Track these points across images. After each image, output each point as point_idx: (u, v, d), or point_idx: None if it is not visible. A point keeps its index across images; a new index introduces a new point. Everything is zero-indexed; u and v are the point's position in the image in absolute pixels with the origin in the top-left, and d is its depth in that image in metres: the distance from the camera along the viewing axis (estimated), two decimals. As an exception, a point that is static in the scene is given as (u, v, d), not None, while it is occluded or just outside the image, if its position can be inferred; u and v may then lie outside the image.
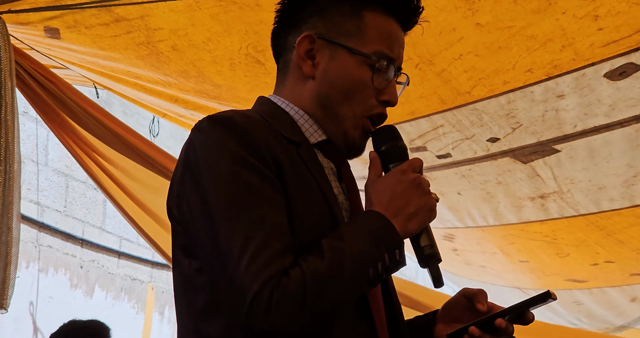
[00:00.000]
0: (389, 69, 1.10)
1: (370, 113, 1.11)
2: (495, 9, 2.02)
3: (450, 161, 2.84)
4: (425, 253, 1.02)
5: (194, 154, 0.99)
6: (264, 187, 0.96)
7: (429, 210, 1.02)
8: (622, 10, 2.05)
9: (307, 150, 1.07)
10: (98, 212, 5.02)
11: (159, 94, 2.53)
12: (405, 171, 1.03)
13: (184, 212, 1.00)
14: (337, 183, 1.10)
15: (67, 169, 4.85)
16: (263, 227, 0.93)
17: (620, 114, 2.55)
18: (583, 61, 2.28)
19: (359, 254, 0.94)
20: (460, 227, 3.54)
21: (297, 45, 1.10)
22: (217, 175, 0.96)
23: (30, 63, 2.36)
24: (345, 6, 1.11)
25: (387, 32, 1.11)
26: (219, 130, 0.99)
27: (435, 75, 2.28)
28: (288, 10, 1.14)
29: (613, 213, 3.26)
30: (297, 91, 1.12)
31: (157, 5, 2.06)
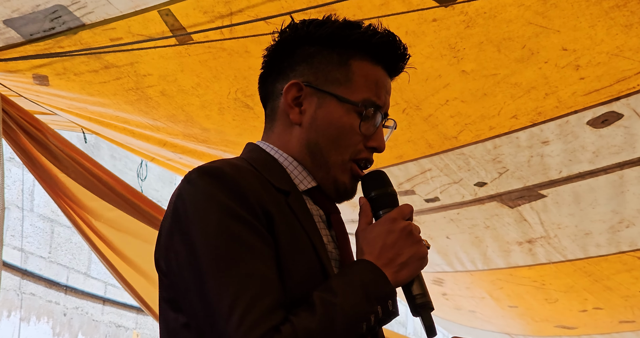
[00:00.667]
0: (376, 115, 1.11)
1: (357, 157, 1.11)
2: (480, 57, 2.07)
3: (439, 205, 2.85)
4: (417, 302, 1.02)
5: (183, 205, 0.98)
6: (254, 240, 0.95)
7: (420, 259, 1.01)
8: (602, 61, 2.11)
9: (296, 199, 1.06)
10: (83, 257, 4.95)
11: (148, 138, 2.54)
12: (396, 219, 1.03)
13: (172, 265, 0.98)
14: (327, 232, 1.10)
15: (52, 213, 4.81)
16: (253, 282, 0.91)
17: (604, 161, 2.58)
18: (566, 109, 2.33)
19: (351, 309, 0.93)
20: (450, 271, 3.53)
21: (285, 92, 1.11)
22: (206, 228, 0.95)
23: (17, 111, 2.36)
24: (333, 54, 1.11)
25: (375, 80, 1.12)
26: (208, 181, 0.98)
27: (422, 120, 2.31)
28: (275, 57, 1.14)
29: (600, 259, 3.26)
30: (285, 138, 1.13)
31: (147, 52, 2.10)
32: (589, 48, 2.06)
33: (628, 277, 3.39)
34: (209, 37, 1.99)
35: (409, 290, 1.02)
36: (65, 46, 2.13)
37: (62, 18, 2.00)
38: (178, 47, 2.05)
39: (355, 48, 1.11)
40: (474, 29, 1.96)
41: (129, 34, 2.02)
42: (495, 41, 2.01)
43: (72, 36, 2.08)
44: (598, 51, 2.07)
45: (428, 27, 1.96)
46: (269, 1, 1.86)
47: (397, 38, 1.13)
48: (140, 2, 1.90)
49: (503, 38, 2.00)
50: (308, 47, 1.12)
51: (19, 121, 2.31)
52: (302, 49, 1.12)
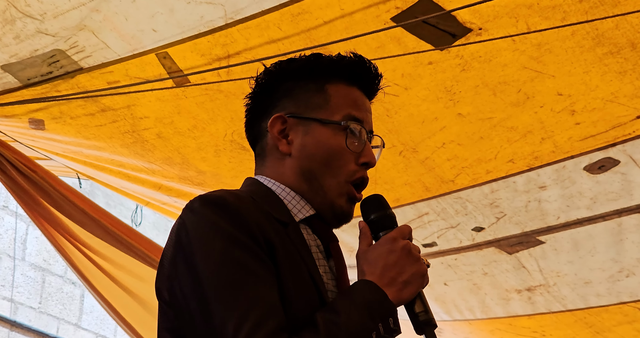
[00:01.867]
0: (360, 131, 1.15)
1: (352, 178, 1.14)
2: (476, 101, 2.09)
3: (436, 250, 2.81)
4: (420, 319, 1.03)
5: (186, 234, 1.00)
6: (257, 266, 0.97)
7: (421, 276, 1.04)
8: (597, 106, 2.13)
9: (294, 231, 1.08)
10: (74, 308, 4.84)
11: (143, 181, 2.52)
12: (396, 239, 1.05)
13: (176, 293, 1.00)
14: (324, 262, 1.11)
15: (44, 263, 4.73)
16: (257, 307, 0.93)
17: (602, 208, 2.57)
18: (563, 154, 2.33)
19: (353, 327, 0.95)
20: (448, 319, 3.45)
21: (270, 127, 1.15)
22: (210, 255, 0.97)
23: (13, 153, 2.36)
24: (309, 84, 1.17)
25: (352, 98, 1.17)
26: (211, 210, 1.00)
27: (419, 163, 2.31)
28: (256, 101, 1.20)
29: (600, 309, 3.20)
30: (279, 170, 1.15)
31: (144, 94, 2.11)
32: (584, 93, 2.08)
33: (630, 330, 3.32)
34: (206, 79, 2.01)
35: (412, 308, 1.04)
36: (62, 90, 2.14)
37: (60, 62, 2.02)
38: (175, 89, 2.06)
39: (328, 74, 1.17)
40: (470, 72, 1.98)
41: (127, 77, 2.04)
42: (490, 85, 2.03)
43: (69, 80, 2.09)
44: (593, 97, 2.09)
45: (424, 70, 1.98)
46: (267, 44, 1.88)
47: (365, 59, 1.19)
48: (138, 45, 1.92)
49: (498, 82, 2.02)
50: (285, 83, 1.18)
51: (15, 163, 2.31)
52: (280, 86, 1.18)
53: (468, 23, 1.83)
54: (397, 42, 1.90)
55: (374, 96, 1.22)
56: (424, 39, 1.87)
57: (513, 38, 1.86)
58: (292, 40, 1.89)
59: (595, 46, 1.88)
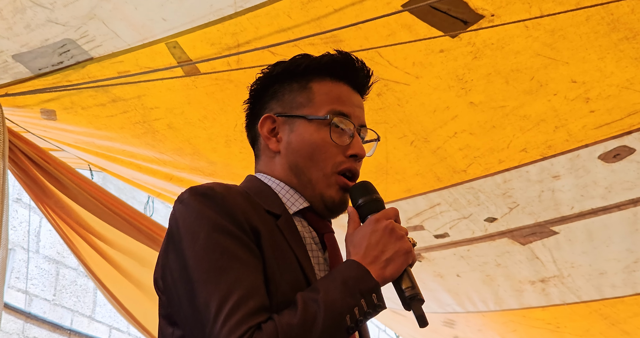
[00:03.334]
0: (347, 125, 1.18)
1: (340, 168, 1.16)
2: (488, 89, 2.06)
3: (448, 241, 2.79)
4: (406, 294, 1.05)
5: (176, 224, 1.05)
6: (241, 251, 1.01)
7: (405, 253, 1.05)
8: (612, 93, 2.09)
9: (286, 222, 1.12)
10: (88, 300, 4.88)
11: (154, 172, 2.52)
12: (379, 219, 1.08)
13: (167, 281, 1.05)
14: (319, 253, 1.15)
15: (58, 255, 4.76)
16: (239, 288, 0.97)
17: (617, 197, 2.53)
18: (576, 142, 2.30)
19: (332, 303, 0.97)
20: (461, 311, 3.43)
21: (260, 127, 1.21)
22: (196, 242, 1.01)
23: (25, 144, 2.37)
24: (293, 84, 1.21)
25: (336, 94, 1.20)
26: (199, 200, 1.05)
27: (431, 153, 2.28)
28: (251, 106, 1.26)
29: (616, 300, 3.16)
30: (271, 166, 1.21)
31: (154, 84, 2.10)
32: (599, 80, 2.04)
33: (646, 321, 3.28)
34: (216, 68, 1.99)
35: (399, 284, 1.06)
36: (73, 80, 2.14)
37: (71, 52, 2.02)
38: (185, 79, 2.05)
39: (311, 73, 1.21)
40: (482, 60, 1.95)
41: (137, 67, 2.03)
42: (503, 72, 2.00)
43: (80, 70, 2.09)
44: (608, 84, 2.05)
45: (435, 58, 1.95)
46: (276, 32, 1.87)
47: (350, 54, 1.21)
48: (148, 34, 1.91)
49: (511, 69, 1.99)
50: (272, 86, 1.23)
51: (28, 153, 2.32)
52: (268, 89, 1.23)
53: (480, 9, 1.80)
54: (408, 30, 1.88)
55: (366, 91, 1.25)
56: (435, 26, 1.85)
57: (526, 24, 1.83)
58: (302, 29, 1.87)
59: (610, 31, 1.84)
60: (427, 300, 3.64)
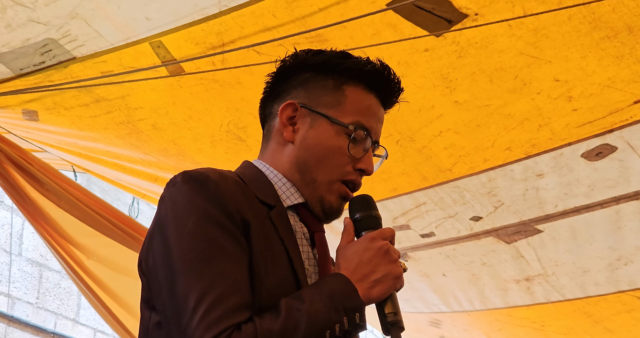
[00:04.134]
0: (366, 139, 1.15)
1: (345, 178, 1.14)
2: (472, 88, 2.07)
3: (434, 240, 2.80)
4: (388, 320, 1.03)
5: (165, 208, 1.02)
6: (228, 243, 0.98)
7: (394, 278, 1.03)
8: (594, 92, 2.11)
9: (279, 213, 1.09)
10: (72, 303, 4.83)
11: (139, 173, 2.50)
12: (375, 238, 1.06)
13: (150, 264, 1.02)
14: (309, 249, 1.13)
15: (41, 258, 4.71)
16: (222, 283, 0.94)
17: (599, 195, 2.56)
18: (560, 141, 2.32)
19: (316, 316, 0.95)
20: (447, 311, 3.44)
21: (281, 112, 1.16)
22: (183, 229, 0.98)
23: (6, 144, 2.34)
24: (328, 80, 1.17)
25: (366, 106, 1.17)
26: (191, 186, 1.01)
27: (416, 152, 2.29)
28: (275, 82, 1.21)
29: (599, 298, 3.19)
30: (277, 155, 1.17)
31: (138, 84, 2.09)
32: (581, 79, 2.07)
33: (628, 319, 3.31)
34: (201, 68, 1.99)
35: (382, 308, 1.04)
36: (55, 80, 2.12)
37: (53, 51, 2.00)
38: (170, 79, 2.04)
39: (349, 75, 1.17)
40: (466, 59, 1.96)
41: (120, 67, 2.02)
42: (487, 71, 2.01)
43: (62, 70, 2.07)
44: (590, 82, 2.08)
45: (420, 57, 1.96)
46: (261, 31, 1.86)
47: (390, 69, 1.19)
48: (132, 34, 1.90)
49: (495, 68, 2.01)
50: (305, 73, 1.18)
51: (8, 154, 2.29)
52: (299, 74, 1.18)
53: (464, 8, 1.81)
54: (393, 29, 1.88)
55: (390, 107, 1.23)
56: (420, 25, 1.86)
57: (509, 23, 1.85)
58: (287, 28, 1.87)
59: (592, 30, 1.86)
60: (414, 300, 3.66)
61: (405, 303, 3.54)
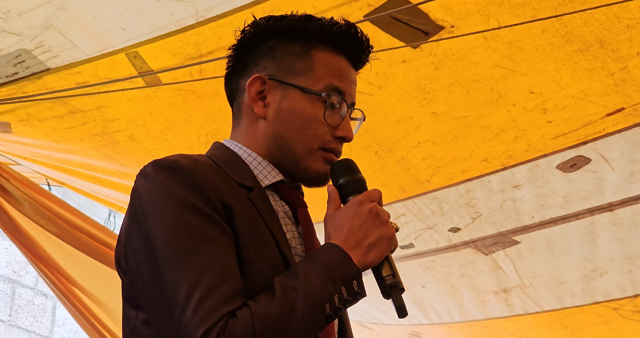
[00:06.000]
0: (341, 105, 1.11)
1: (325, 147, 1.11)
2: (449, 99, 2.09)
3: (414, 252, 2.80)
4: (387, 283, 1.00)
5: (139, 201, 0.97)
6: (212, 231, 0.94)
7: (388, 239, 1.01)
8: (568, 104, 2.14)
9: (258, 195, 1.05)
10: (46, 321, 4.73)
11: (115, 185, 2.47)
12: (363, 202, 1.02)
13: (130, 261, 0.97)
14: (293, 227, 1.09)
15: (14, 274, 4.62)
16: (210, 272, 0.90)
17: (574, 206, 2.59)
18: (535, 152, 2.35)
19: (313, 291, 0.92)
20: (426, 323, 3.44)
21: (248, 87, 1.12)
22: (163, 220, 0.93)
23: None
24: (294, 46, 1.12)
25: (337, 68, 1.13)
26: (165, 175, 0.96)
27: (395, 163, 2.30)
28: (239, 55, 1.15)
29: (575, 310, 3.22)
30: (251, 133, 1.12)
31: (115, 95, 2.07)
32: (555, 91, 2.10)
33: (604, 330, 3.33)
34: (178, 78, 1.98)
35: (379, 272, 1.01)
36: (29, 91, 2.09)
37: (26, 62, 1.97)
38: (146, 90, 2.03)
39: (315, 39, 1.12)
40: (443, 70, 1.98)
41: (96, 77, 2.00)
42: (464, 83, 2.04)
43: (36, 81, 2.04)
44: (564, 94, 2.11)
45: (398, 69, 1.97)
46: (239, 42, 1.86)
47: (357, 27, 1.15)
48: (107, 44, 1.89)
49: (471, 80, 2.03)
50: (269, 41, 1.13)
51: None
52: (264, 43, 1.13)
53: (440, 20, 1.83)
54: (371, 40, 1.90)
55: (361, 67, 1.18)
56: (397, 36, 1.87)
57: (485, 35, 1.87)
58: (264, 39, 1.87)
59: (565, 43, 1.90)
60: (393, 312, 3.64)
61: (384, 316, 3.52)
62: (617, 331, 3.23)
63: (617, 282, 2.88)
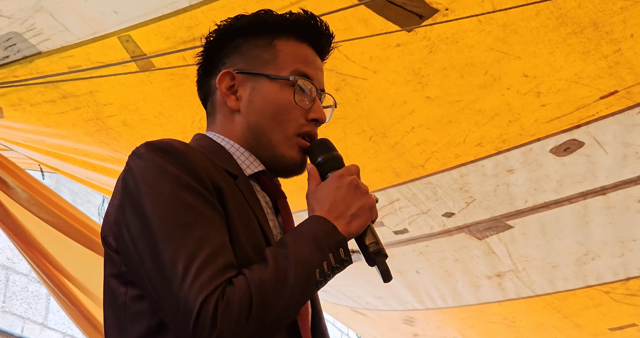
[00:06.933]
0: (310, 88, 1.15)
1: (300, 131, 1.14)
2: (444, 83, 2.08)
3: (408, 237, 2.81)
4: (370, 250, 1.05)
5: (134, 179, 0.99)
6: (207, 209, 0.97)
7: (369, 209, 1.05)
8: (562, 87, 2.14)
9: (244, 183, 1.09)
10: (40, 307, 4.73)
11: (109, 171, 2.46)
12: (343, 175, 1.07)
13: (123, 238, 0.99)
14: (274, 217, 1.13)
15: (8, 261, 4.61)
16: (207, 245, 0.94)
17: (567, 190, 2.59)
18: (529, 136, 2.34)
19: (302, 258, 0.97)
20: (420, 308, 3.45)
21: (218, 83, 1.15)
22: (159, 198, 0.96)
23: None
24: (258, 39, 1.17)
25: (302, 55, 1.17)
26: (159, 155, 1.00)
27: (389, 148, 2.29)
28: (207, 58, 1.20)
29: (568, 293, 3.24)
30: (228, 127, 1.16)
31: (107, 80, 2.05)
32: (549, 75, 2.09)
33: (596, 313, 3.36)
34: (171, 63, 1.96)
35: (362, 241, 1.06)
36: (20, 75, 2.07)
37: (17, 46, 1.95)
38: (139, 74, 2.01)
39: (277, 30, 1.17)
40: (437, 54, 1.97)
41: (88, 62, 1.98)
42: (458, 67, 2.03)
43: (27, 65, 2.02)
44: (558, 78, 2.10)
45: (392, 53, 1.96)
46: (232, 25, 1.84)
47: (316, 17, 1.19)
48: (99, 28, 1.87)
49: (466, 64, 2.02)
50: (234, 40, 1.17)
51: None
52: (229, 43, 1.18)
53: (435, 3, 1.82)
54: (365, 24, 1.89)
55: (326, 55, 1.22)
56: (391, 19, 1.86)
57: (479, 18, 1.86)
58: (258, 23, 1.85)
59: (559, 26, 1.89)
60: (387, 298, 3.66)
61: (378, 301, 3.54)
62: (608, 314, 3.25)
63: (609, 265, 2.90)
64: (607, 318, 3.35)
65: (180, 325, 0.90)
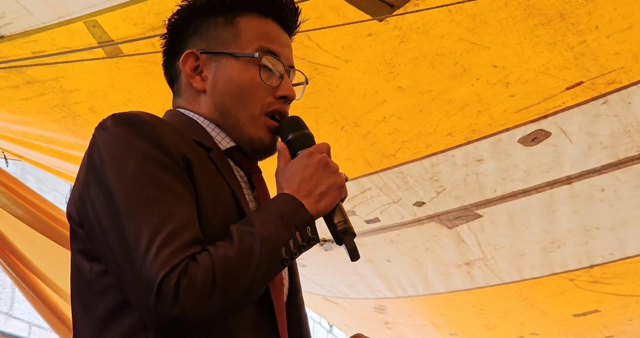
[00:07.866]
0: (276, 65, 1.12)
1: (268, 110, 1.11)
2: (415, 73, 2.09)
3: (379, 226, 2.82)
4: (339, 229, 1.04)
5: (99, 153, 0.97)
6: (173, 182, 0.95)
7: (338, 188, 1.04)
8: (529, 78, 2.16)
9: (218, 155, 1.07)
10: (5, 297, 4.65)
11: (76, 159, 2.42)
12: (312, 153, 1.05)
13: (88, 213, 0.97)
14: (249, 192, 1.11)
15: (-28, 251, 4.53)
16: (172, 220, 0.92)
17: (535, 180, 2.63)
18: (498, 126, 2.37)
19: (268, 235, 0.95)
20: (391, 297, 3.49)
21: (182, 64, 1.13)
22: (124, 172, 0.94)
23: None
24: (218, 18, 1.14)
25: (265, 31, 1.14)
26: (125, 128, 0.97)
27: (361, 138, 2.30)
28: (171, 41, 1.17)
29: (534, 281, 3.30)
30: (195, 107, 1.13)
31: (73, 66, 2.01)
32: (517, 65, 2.11)
33: (561, 300, 3.44)
34: (140, 49, 1.93)
35: (331, 219, 1.04)
36: (-17, 60, 2.01)
37: (-20, 30, 1.90)
38: (107, 60, 1.97)
39: (238, 7, 1.14)
40: (409, 44, 1.98)
41: (53, 47, 1.93)
42: (429, 57, 2.03)
43: (-10, 49, 1.97)
44: (526, 68, 2.13)
45: (364, 42, 1.96)
46: (202, 12, 1.82)
47: None
48: (64, 12, 1.82)
49: (436, 54, 2.03)
50: (195, 21, 1.15)
51: None
52: (190, 24, 1.15)
53: (406, -7, 1.82)
54: (337, 13, 1.88)
55: (294, 31, 1.19)
56: (363, 9, 1.86)
57: (449, 9, 1.87)
58: (228, 9, 1.83)
59: (527, 17, 1.91)
60: (359, 286, 3.70)
61: (350, 290, 3.56)
62: (572, 301, 3.33)
63: (574, 253, 2.96)
64: (572, 305, 3.43)
65: (141, 301, 0.88)
